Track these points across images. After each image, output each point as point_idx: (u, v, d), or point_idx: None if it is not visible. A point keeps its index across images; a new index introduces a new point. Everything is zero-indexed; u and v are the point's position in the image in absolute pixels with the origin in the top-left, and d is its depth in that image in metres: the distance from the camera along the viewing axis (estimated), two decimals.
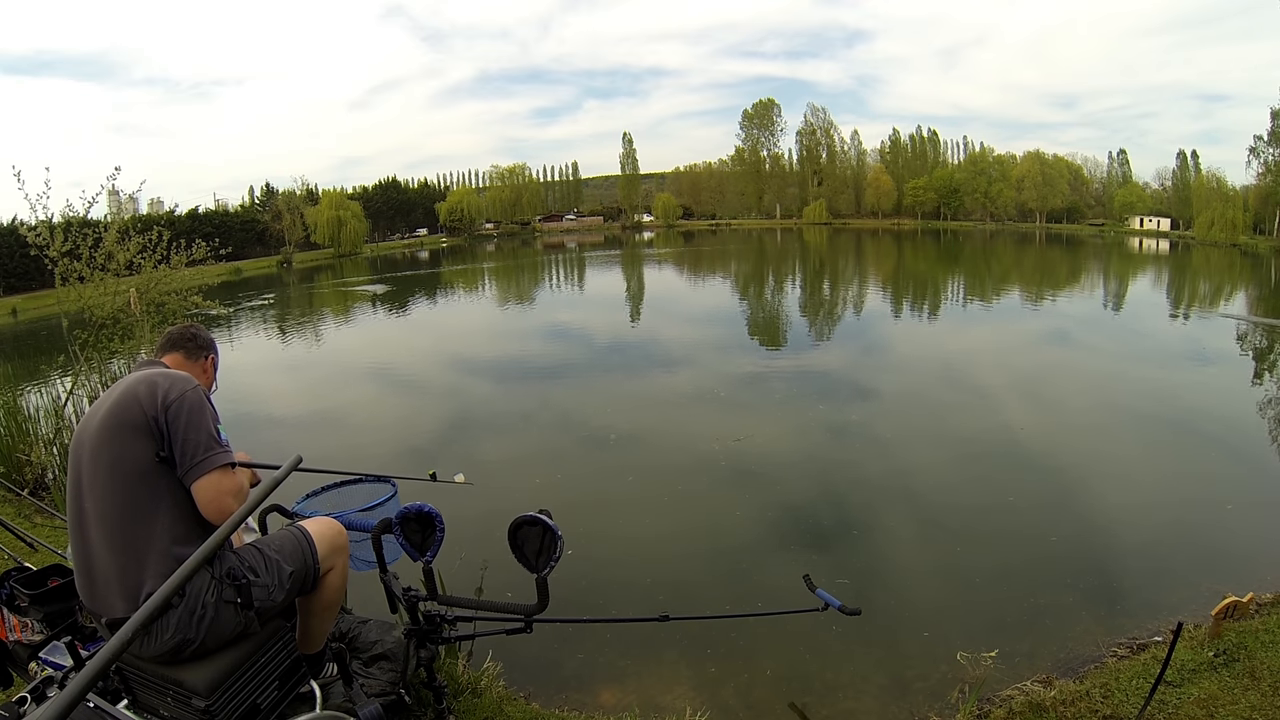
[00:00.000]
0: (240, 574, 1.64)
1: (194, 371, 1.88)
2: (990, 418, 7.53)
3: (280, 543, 1.80)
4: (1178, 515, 4.97)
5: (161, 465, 1.57)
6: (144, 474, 1.55)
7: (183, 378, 1.69)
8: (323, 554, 1.83)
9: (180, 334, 1.95)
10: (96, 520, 1.55)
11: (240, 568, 1.66)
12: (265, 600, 1.67)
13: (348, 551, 1.94)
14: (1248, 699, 2.52)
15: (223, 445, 1.63)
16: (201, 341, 1.97)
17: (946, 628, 3.62)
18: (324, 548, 1.84)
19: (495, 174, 73.97)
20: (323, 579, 1.85)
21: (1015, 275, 26.58)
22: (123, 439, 1.56)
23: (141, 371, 1.73)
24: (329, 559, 1.85)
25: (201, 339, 1.97)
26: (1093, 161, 62.32)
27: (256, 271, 42.72)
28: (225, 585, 1.61)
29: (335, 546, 1.88)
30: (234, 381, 10.71)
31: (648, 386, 9.41)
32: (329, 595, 1.89)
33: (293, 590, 1.77)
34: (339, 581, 1.91)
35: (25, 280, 30.74)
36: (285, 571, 1.74)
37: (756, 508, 5.30)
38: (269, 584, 1.69)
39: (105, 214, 6.52)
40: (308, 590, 1.83)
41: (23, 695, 1.58)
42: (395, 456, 6.45)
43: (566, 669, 3.39)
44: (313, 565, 1.81)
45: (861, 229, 59.22)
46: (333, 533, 1.89)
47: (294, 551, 1.79)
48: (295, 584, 1.77)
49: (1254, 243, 41.11)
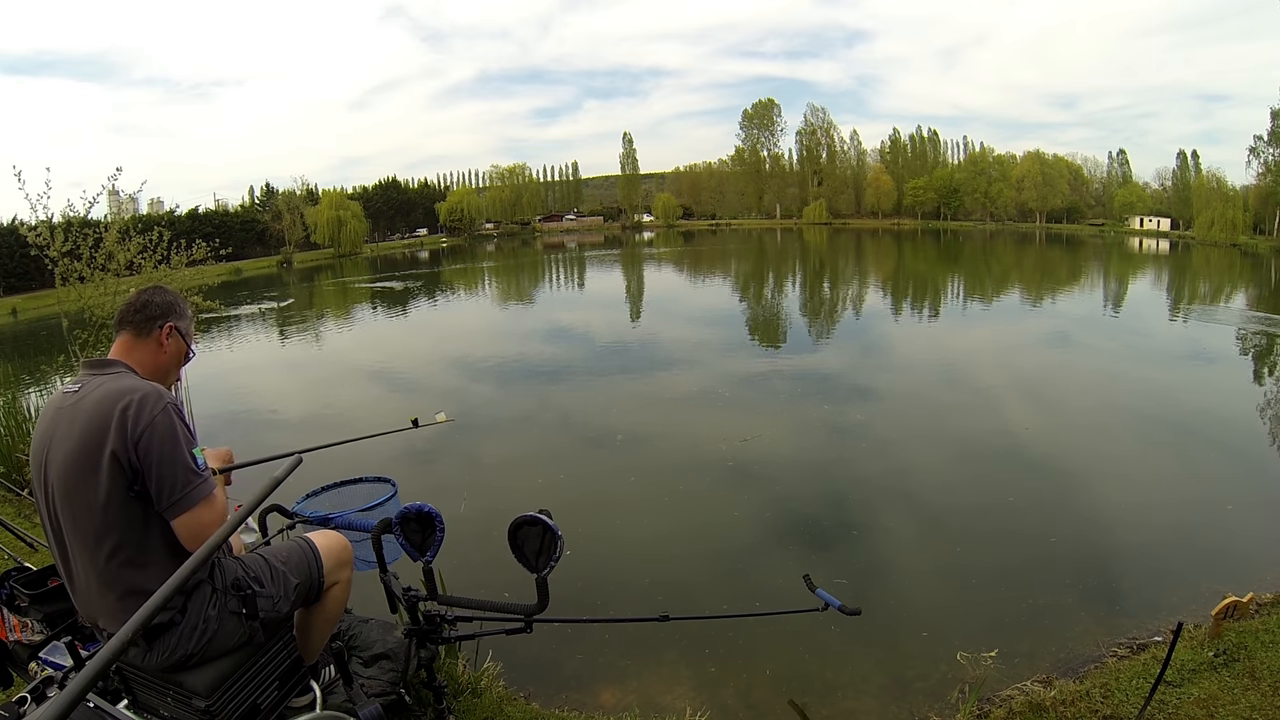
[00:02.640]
0: (245, 584, 1.61)
1: (148, 352, 1.67)
2: (990, 417, 7.53)
3: (287, 554, 1.78)
4: (1178, 515, 4.97)
5: (137, 499, 1.47)
6: (122, 505, 1.46)
7: (147, 395, 1.49)
8: (328, 567, 1.81)
9: (127, 308, 1.70)
10: (78, 548, 1.50)
11: (245, 578, 1.63)
12: (270, 611, 1.65)
13: (352, 566, 1.92)
14: (1248, 699, 2.52)
15: (200, 473, 1.49)
16: (153, 310, 1.69)
17: (946, 628, 3.62)
18: (330, 561, 1.82)
19: (495, 174, 74.10)
20: (326, 592, 1.83)
21: (1015, 275, 26.59)
22: (93, 479, 1.44)
23: (102, 387, 1.52)
24: (334, 573, 1.83)
25: (152, 307, 1.69)
26: (1093, 161, 62.47)
27: (256, 272, 42.70)
28: (229, 596, 1.58)
29: (340, 560, 1.86)
30: (234, 380, 10.73)
31: (648, 386, 9.41)
32: (331, 608, 1.87)
33: (297, 602, 1.75)
34: (341, 595, 1.89)
35: (25, 280, 30.75)
36: (291, 584, 1.72)
37: (756, 507, 5.30)
38: (274, 595, 1.67)
39: (105, 214, 6.51)
40: (311, 602, 1.82)
41: (23, 695, 1.58)
42: (395, 455, 6.45)
43: (566, 669, 3.39)
44: (317, 578, 1.79)
45: (861, 229, 59.20)
46: (339, 547, 1.87)
47: (300, 564, 1.77)
48: (300, 596, 1.75)
49: (1254, 243, 41.12)
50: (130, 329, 1.67)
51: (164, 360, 1.71)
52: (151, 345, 1.68)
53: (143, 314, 1.67)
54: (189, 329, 1.77)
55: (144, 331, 1.67)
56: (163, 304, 1.71)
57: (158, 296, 1.72)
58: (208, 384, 9.84)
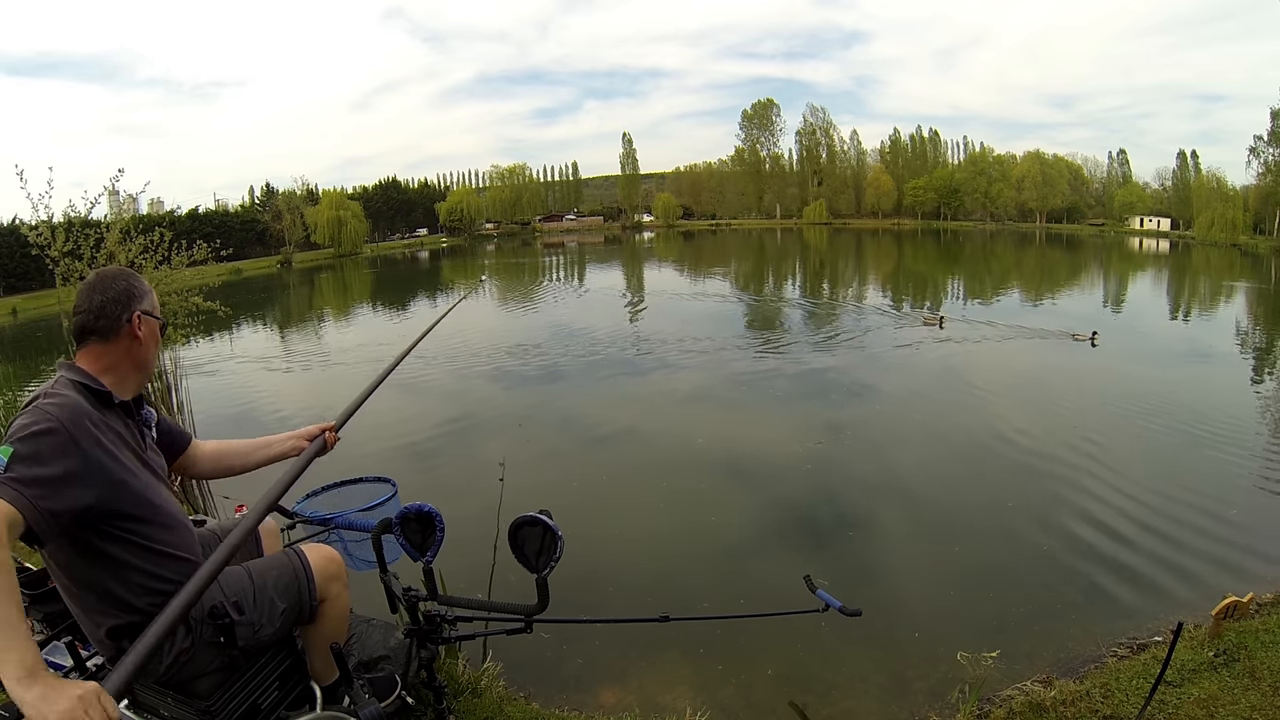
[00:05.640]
0: (223, 613, 1.51)
1: (121, 351, 1.50)
2: (990, 418, 7.53)
3: (278, 574, 1.68)
4: (1178, 515, 4.97)
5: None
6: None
7: (38, 404, 1.35)
8: (319, 583, 1.74)
9: (85, 316, 1.47)
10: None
11: (224, 605, 1.52)
12: (250, 639, 1.56)
13: (345, 580, 1.86)
14: (1248, 699, 2.52)
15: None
16: (112, 308, 1.47)
17: (946, 628, 3.62)
18: (320, 577, 1.75)
19: (495, 174, 74.05)
20: (320, 610, 1.76)
21: (1015, 275, 26.59)
22: None
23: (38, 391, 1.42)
24: (324, 588, 1.76)
25: (111, 305, 1.47)
26: (1092, 161, 62.43)
27: (256, 271, 42.70)
28: (205, 626, 1.49)
29: (330, 575, 1.78)
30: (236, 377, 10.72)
31: (649, 387, 9.42)
32: (328, 626, 1.79)
33: (283, 627, 1.66)
34: (335, 611, 1.80)
35: (25, 280, 30.74)
36: (277, 609, 1.62)
37: (757, 508, 5.31)
38: (255, 621, 1.57)
39: (105, 214, 6.51)
40: (305, 622, 1.75)
41: None
42: (395, 455, 6.46)
43: (566, 669, 3.40)
44: (308, 600, 1.71)
45: (862, 229, 59.19)
46: (328, 559, 1.80)
47: (289, 585, 1.67)
48: (288, 620, 1.67)
49: (1254, 243, 41.11)
50: (95, 337, 1.47)
51: (141, 352, 1.53)
52: (123, 343, 1.49)
53: (103, 317, 1.47)
54: (154, 301, 1.57)
55: (111, 334, 1.48)
56: (119, 294, 1.49)
57: (110, 289, 1.49)
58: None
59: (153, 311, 1.56)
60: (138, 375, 1.56)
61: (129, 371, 1.53)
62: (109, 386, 1.46)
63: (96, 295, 1.48)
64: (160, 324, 1.59)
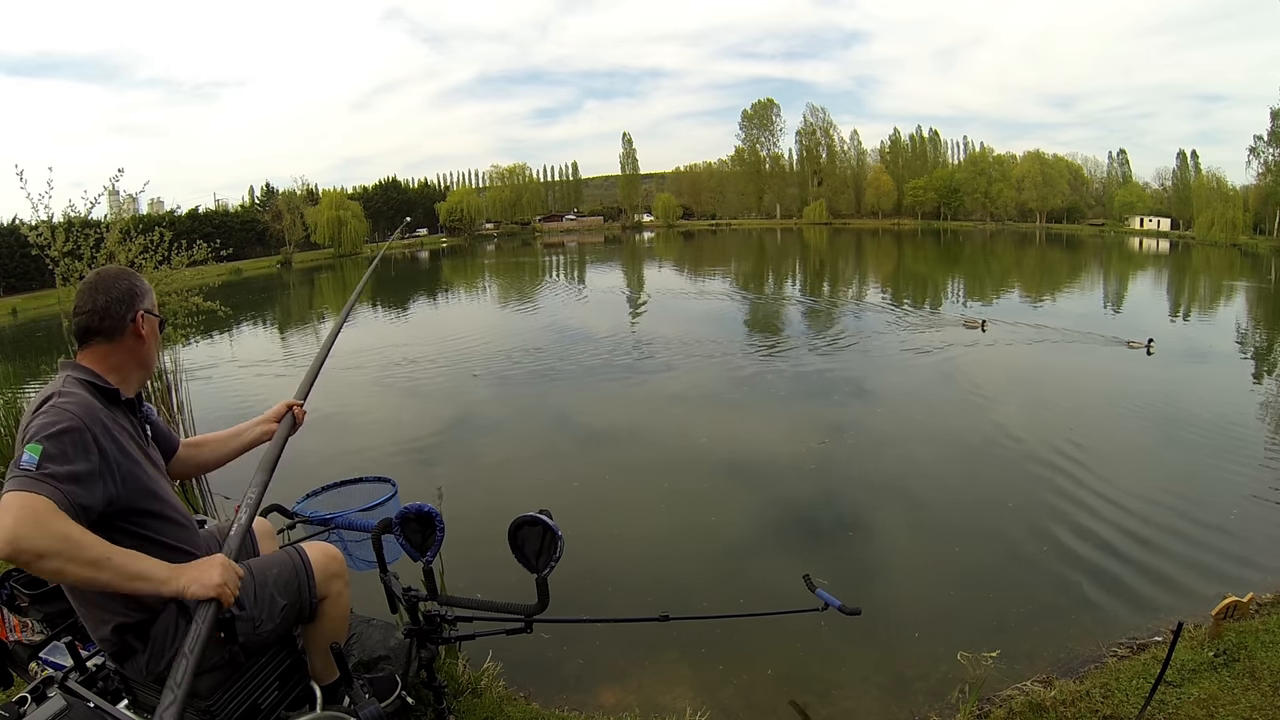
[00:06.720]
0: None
1: (125, 351, 1.52)
2: (990, 418, 7.52)
3: (278, 570, 1.68)
4: (1178, 515, 4.97)
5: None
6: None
7: (52, 402, 1.37)
8: (320, 580, 1.74)
9: (88, 317, 1.48)
10: None
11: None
12: (251, 635, 1.57)
13: (346, 578, 1.86)
14: (1248, 699, 2.52)
15: (20, 469, 1.25)
16: (116, 309, 1.49)
17: (946, 628, 3.62)
18: (321, 574, 1.75)
19: (495, 174, 74.02)
20: (321, 608, 1.76)
21: (1015, 276, 26.58)
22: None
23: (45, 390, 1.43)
24: (325, 585, 1.76)
25: (115, 305, 1.49)
26: (1092, 161, 62.42)
27: (256, 272, 42.70)
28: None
29: (331, 573, 1.78)
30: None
31: (649, 386, 9.41)
32: (328, 625, 1.79)
33: (284, 624, 1.67)
34: (336, 610, 1.81)
35: (25, 280, 30.75)
36: (278, 605, 1.62)
37: (757, 507, 5.30)
38: (256, 617, 1.58)
39: (105, 214, 6.51)
40: (305, 620, 1.75)
41: (23, 695, 1.58)
42: (395, 455, 6.46)
43: (566, 669, 3.40)
44: (309, 598, 1.71)
45: (862, 229, 59.17)
46: (328, 559, 1.80)
47: (289, 581, 1.67)
48: (288, 618, 1.67)
49: (1254, 243, 41.12)
50: (100, 337, 1.49)
51: (144, 351, 1.56)
52: (128, 342, 1.52)
53: (108, 317, 1.49)
54: (154, 299, 1.60)
55: (116, 334, 1.50)
56: (122, 294, 1.51)
57: (113, 289, 1.50)
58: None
59: (153, 310, 1.59)
60: (141, 373, 1.59)
61: (133, 370, 1.56)
62: (115, 385, 1.50)
63: (100, 295, 1.50)
64: (159, 321, 1.62)
